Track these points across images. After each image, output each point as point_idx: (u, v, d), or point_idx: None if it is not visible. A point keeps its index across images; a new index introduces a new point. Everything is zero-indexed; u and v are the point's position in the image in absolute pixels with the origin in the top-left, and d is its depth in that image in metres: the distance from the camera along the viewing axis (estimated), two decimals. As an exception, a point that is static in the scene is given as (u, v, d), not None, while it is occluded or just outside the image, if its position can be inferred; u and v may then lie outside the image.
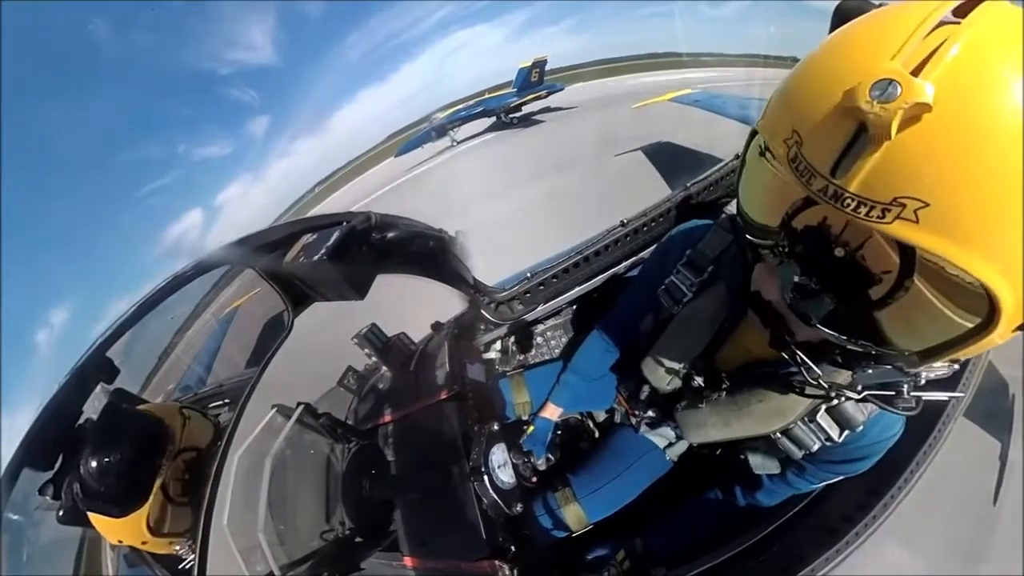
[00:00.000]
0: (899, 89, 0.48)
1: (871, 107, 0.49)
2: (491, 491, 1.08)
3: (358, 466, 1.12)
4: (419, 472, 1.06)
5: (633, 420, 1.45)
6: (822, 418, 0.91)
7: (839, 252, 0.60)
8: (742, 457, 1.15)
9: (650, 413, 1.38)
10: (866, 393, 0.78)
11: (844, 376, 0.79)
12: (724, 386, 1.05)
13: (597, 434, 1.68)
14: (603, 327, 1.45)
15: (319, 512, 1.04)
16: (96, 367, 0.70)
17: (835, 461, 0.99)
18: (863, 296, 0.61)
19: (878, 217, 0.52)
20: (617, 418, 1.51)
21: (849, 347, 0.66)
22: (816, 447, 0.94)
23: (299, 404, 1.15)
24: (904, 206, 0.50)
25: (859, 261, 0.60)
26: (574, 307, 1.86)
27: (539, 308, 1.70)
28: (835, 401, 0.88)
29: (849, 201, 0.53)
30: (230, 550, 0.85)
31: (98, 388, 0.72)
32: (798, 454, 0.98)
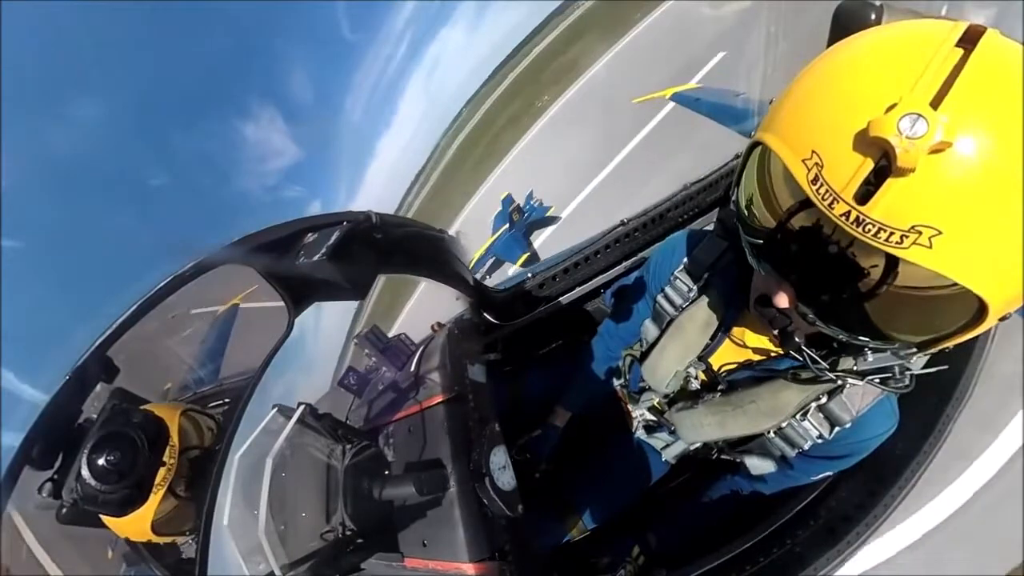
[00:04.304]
0: (926, 126, 0.51)
1: (900, 141, 0.51)
2: (492, 493, 1.08)
3: (358, 467, 1.11)
4: (419, 473, 1.06)
5: (632, 424, 1.47)
6: (813, 416, 0.94)
7: (832, 249, 0.64)
8: (738, 461, 1.17)
9: (647, 416, 1.40)
10: (868, 379, 0.82)
11: (847, 363, 0.84)
12: (720, 387, 1.08)
13: (593, 438, 1.69)
14: (605, 334, 1.50)
15: (320, 512, 1.04)
16: (96, 366, 0.70)
17: (827, 457, 1.02)
18: (854, 288, 0.65)
19: (896, 243, 0.55)
20: (615, 422, 1.53)
21: (850, 340, 0.70)
22: (808, 445, 0.97)
23: (300, 404, 1.15)
24: (920, 233, 0.54)
25: (850, 257, 0.63)
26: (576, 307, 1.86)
27: (540, 309, 1.70)
28: (839, 388, 0.91)
29: (870, 227, 0.56)
30: (231, 550, 0.85)
31: (98, 387, 0.72)
32: (791, 452, 1.01)
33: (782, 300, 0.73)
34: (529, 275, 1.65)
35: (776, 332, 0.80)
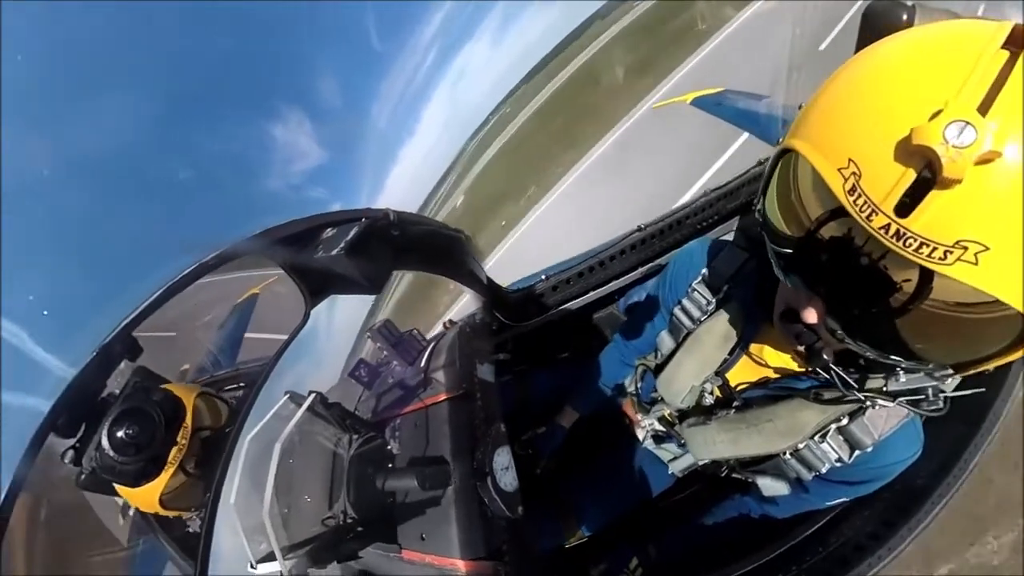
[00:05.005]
0: (974, 134, 0.48)
1: (946, 151, 0.48)
2: (493, 493, 1.08)
3: (363, 457, 1.14)
4: (422, 468, 1.08)
5: (640, 432, 1.44)
6: (832, 438, 0.90)
7: (865, 261, 0.60)
8: (750, 481, 1.14)
9: (657, 426, 1.37)
10: (898, 400, 0.77)
11: (876, 382, 0.79)
12: (735, 404, 1.04)
13: (599, 442, 1.67)
14: (619, 341, 1.47)
15: (322, 499, 1.07)
16: (121, 345, 0.74)
17: (846, 482, 0.97)
18: (887, 303, 0.61)
19: (939, 258, 0.51)
20: (622, 429, 1.51)
21: (880, 360, 0.66)
22: (826, 468, 0.93)
23: (311, 392, 1.18)
24: (966, 249, 0.50)
25: (882, 270, 0.60)
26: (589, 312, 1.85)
27: (552, 311, 1.70)
28: (862, 409, 0.86)
29: (911, 241, 0.52)
30: (236, 528, 0.89)
31: (122, 365, 0.76)
32: (808, 476, 0.96)
33: (810, 315, 0.70)
34: (543, 277, 1.65)
35: (802, 349, 0.77)
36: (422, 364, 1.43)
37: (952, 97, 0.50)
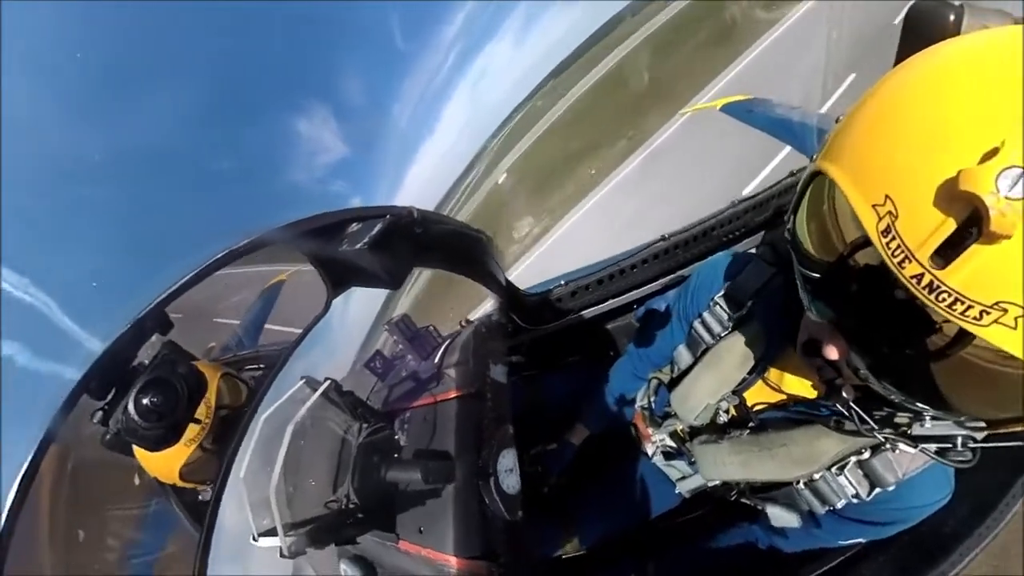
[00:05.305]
0: None
1: (996, 201, 0.42)
2: (494, 493, 1.08)
3: (371, 446, 1.17)
4: (427, 461, 1.09)
5: (649, 447, 1.42)
6: (851, 472, 0.84)
7: (899, 295, 0.54)
8: (759, 508, 1.09)
9: (668, 442, 1.34)
10: (921, 447, 0.72)
11: (900, 421, 0.73)
12: (751, 424, 1.00)
13: (607, 457, 1.65)
14: (634, 353, 1.44)
15: (328, 482, 1.11)
16: (154, 320, 0.80)
17: (861, 521, 0.91)
18: (921, 345, 0.56)
19: (974, 318, 0.46)
20: (630, 443, 1.49)
21: (907, 406, 0.61)
22: (841, 503, 0.87)
23: (326, 379, 1.23)
24: (1005, 311, 0.45)
25: (919, 307, 0.53)
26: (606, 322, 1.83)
27: (569, 317, 1.69)
28: (886, 448, 0.80)
29: (945, 296, 0.47)
30: (243, 501, 0.93)
31: (153, 338, 0.82)
32: (821, 509, 0.91)
33: (832, 352, 0.65)
34: (562, 282, 1.64)
35: (822, 381, 0.73)
36: (436, 360, 1.45)
37: (1009, 135, 0.43)
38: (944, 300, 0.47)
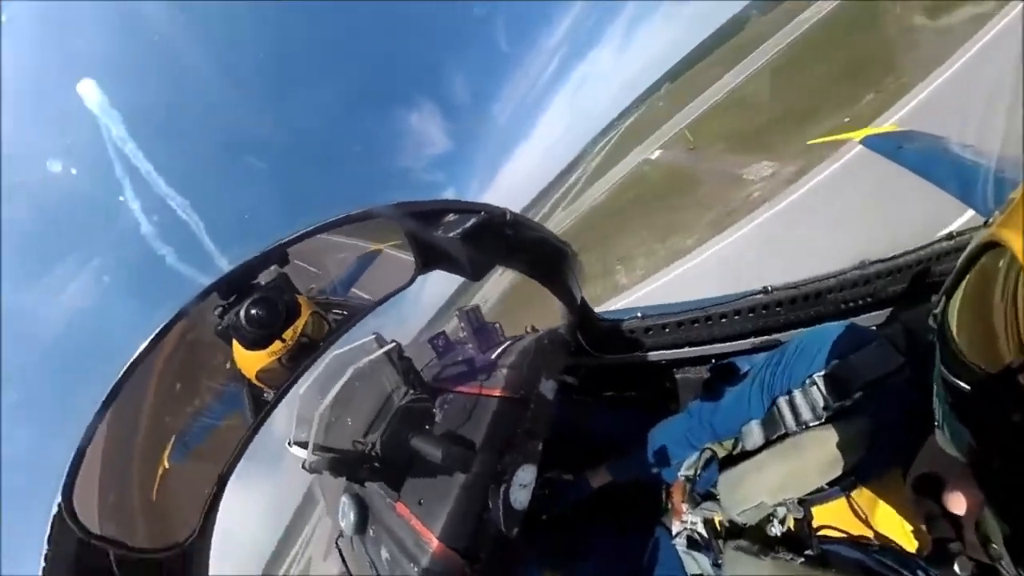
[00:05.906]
0: None
1: None
2: (500, 501, 1.11)
3: (409, 411, 1.29)
4: (451, 445, 1.14)
5: (676, 525, 1.30)
6: None
7: None
8: None
9: (699, 529, 1.21)
10: None
11: None
12: (808, 552, 0.82)
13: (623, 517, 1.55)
14: (695, 414, 1.27)
15: (363, 426, 1.26)
16: (276, 255, 1.02)
17: None
18: None
19: None
20: (655, 512, 1.38)
21: None
22: None
23: (393, 341, 1.39)
24: None
25: None
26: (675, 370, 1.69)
27: (637, 353, 1.59)
28: None
29: None
30: (292, 414, 1.13)
31: (273, 268, 1.05)
32: None
33: (957, 502, 0.51)
34: (639, 315, 1.55)
35: (930, 538, 0.58)
36: (494, 356, 1.53)
37: None
38: None
